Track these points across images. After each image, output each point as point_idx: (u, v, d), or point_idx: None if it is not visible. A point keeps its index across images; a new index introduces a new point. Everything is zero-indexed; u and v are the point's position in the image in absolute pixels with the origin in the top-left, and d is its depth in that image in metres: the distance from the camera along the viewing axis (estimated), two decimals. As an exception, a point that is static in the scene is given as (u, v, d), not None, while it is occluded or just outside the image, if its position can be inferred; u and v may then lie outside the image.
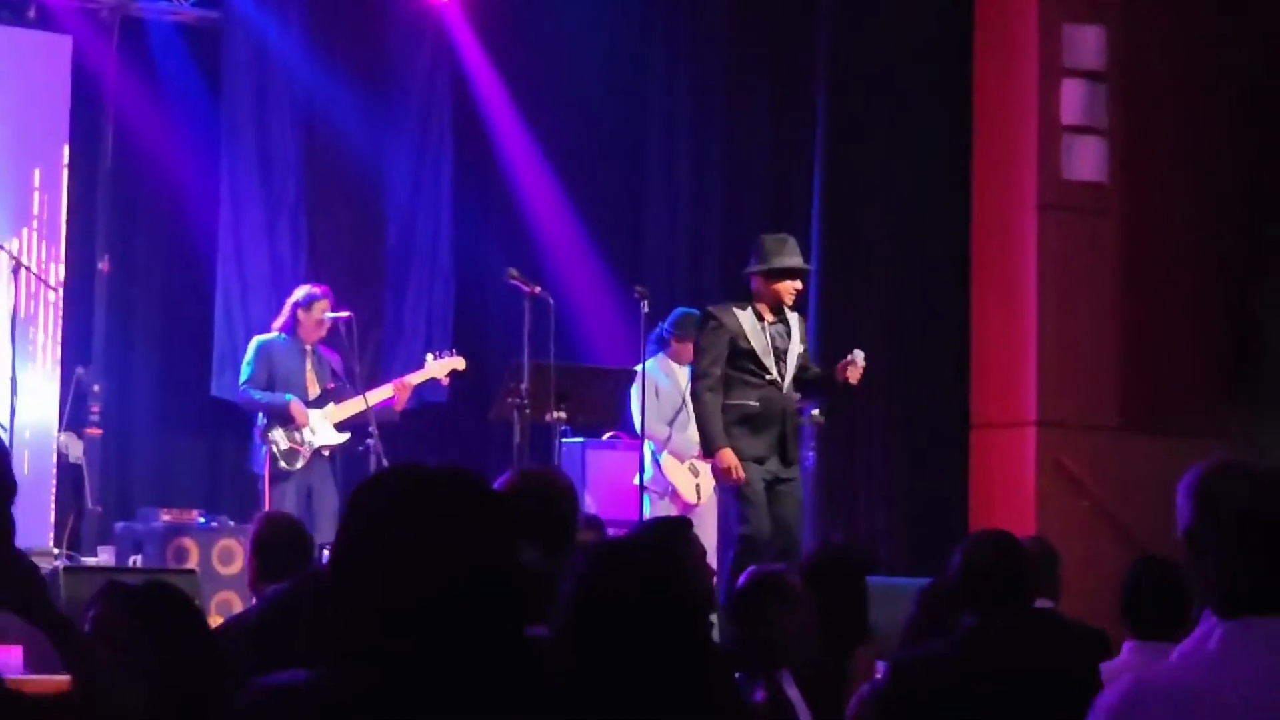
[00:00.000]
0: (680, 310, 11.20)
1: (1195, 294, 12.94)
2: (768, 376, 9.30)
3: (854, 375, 9.36)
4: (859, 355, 9.34)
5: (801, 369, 9.50)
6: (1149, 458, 12.48)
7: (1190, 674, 3.01)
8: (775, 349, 9.36)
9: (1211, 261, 13.01)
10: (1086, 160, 12.58)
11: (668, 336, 11.07)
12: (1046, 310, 12.48)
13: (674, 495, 11.05)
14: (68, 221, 12.03)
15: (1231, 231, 13.11)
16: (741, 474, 9.12)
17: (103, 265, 12.16)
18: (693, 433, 10.08)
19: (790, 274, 9.41)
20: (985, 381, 12.82)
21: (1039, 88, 12.53)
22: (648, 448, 11.00)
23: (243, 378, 10.99)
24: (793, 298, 9.41)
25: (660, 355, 11.17)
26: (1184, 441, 12.48)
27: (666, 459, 11.06)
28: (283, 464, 10.72)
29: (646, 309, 10.49)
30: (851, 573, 6.78)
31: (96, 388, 11.74)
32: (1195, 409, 12.67)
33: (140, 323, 12.55)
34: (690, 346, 9.95)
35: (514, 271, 10.57)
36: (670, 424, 11.01)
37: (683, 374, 10.68)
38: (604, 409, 11.35)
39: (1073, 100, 12.54)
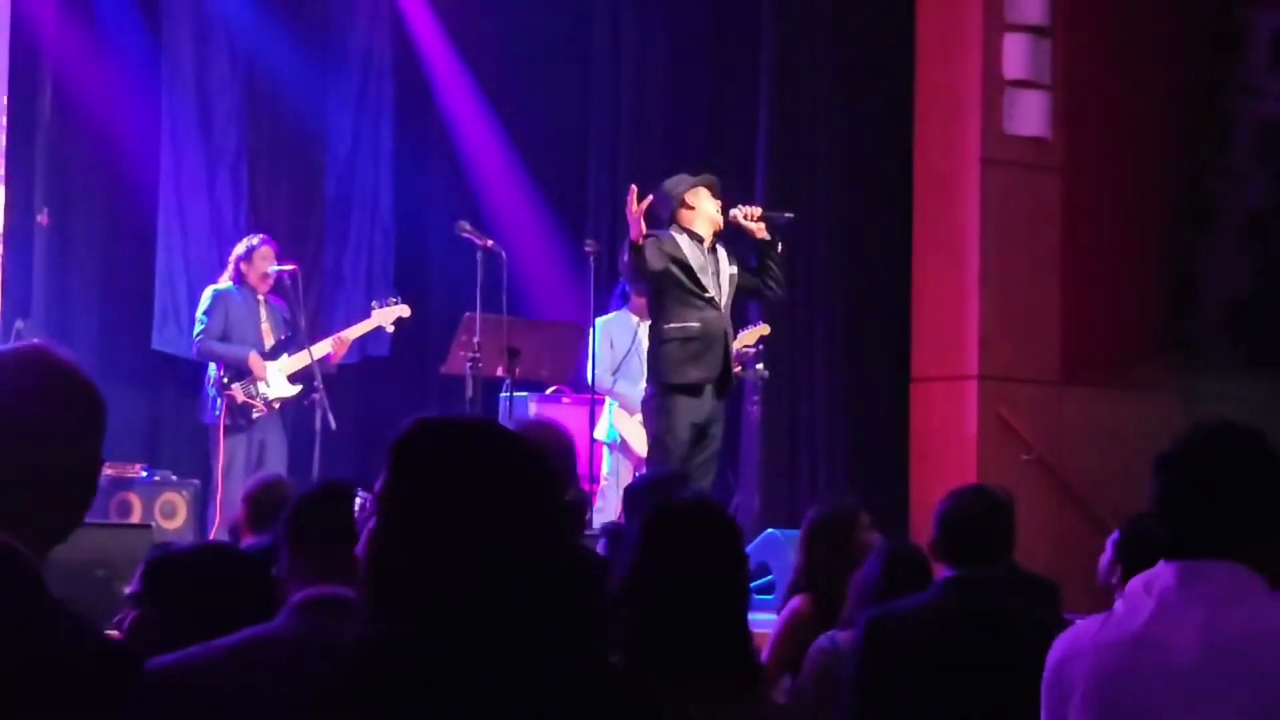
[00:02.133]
0: None
1: (1136, 249, 13.00)
2: (706, 294, 9.23)
3: (749, 216, 9.29)
4: (735, 211, 9.31)
5: (738, 288, 9.48)
6: (1089, 411, 12.58)
7: (1126, 622, 3.14)
8: (711, 270, 9.32)
9: (1152, 217, 13.07)
10: (1029, 115, 12.59)
11: (629, 291, 11.02)
12: (988, 264, 12.50)
13: (625, 448, 11.05)
14: (6, 173, 11.89)
15: (1172, 187, 13.18)
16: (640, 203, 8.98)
17: (42, 217, 12.03)
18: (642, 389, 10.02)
19: (696, 185, 9.38)
20: (926, 335, 12.84)
21: (982, 42, 12.51)
22: (608, 403, 11.01)
23: (198, 329, 10.89)
24: (717, 206, 9.33)
25: (623, 309, 11.15)
26: (1124, 395, 12.60)
27: (617, 412, 11.06)
28: (240, 417, 10.68)
29: (594, 264, 10.43)
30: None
31: (36, 341, 11.59)
32: (1135, 363, 12.75)
33: (80, 275, 12.44)
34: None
35: (465, 224, 10.50)
36: (615, 374, 10.99)
37: (643, 328, 10.57)
38: (554, 364, 11.33)
39: (1015, 54, 12.53)
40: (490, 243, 10.40)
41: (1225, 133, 13.19)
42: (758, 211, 9.33)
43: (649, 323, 9.71)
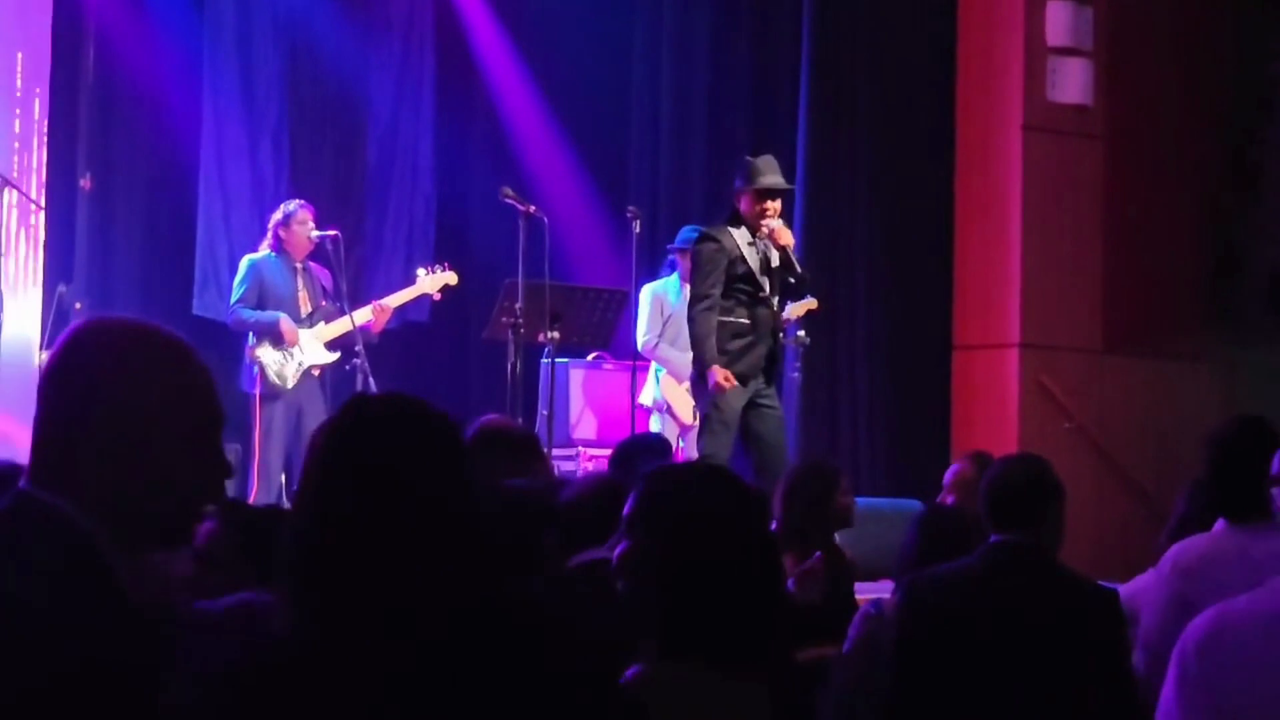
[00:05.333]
0: (687, 229, 11.08)
1: (1178, 217, 12.98)
2: (761, 294, 9.30)
3: (777, 237, 9.29)
4: (769, 223, 9.28)
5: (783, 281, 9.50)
6: (1130, 380, 12.57)
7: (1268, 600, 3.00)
8: (764, 265, 9.35)
9: (1194, 185, 13.05)
10: (1071, 82, 12.57)
11: (676, 259, 11.01)
12: (1030, 232, 12.50)
13: (670, 413, 11.05)
14: (49, 139, 11.91)
15: (1214, 155, 13.15)
16: (733, 382, 9.11)
17: (84, 182, 12.05)
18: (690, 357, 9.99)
19: (772, 194, 9.38)
20: (968, 303, 12.84)
21: (1025, 9, 12.51)
22: (654, 368, 11.01)
23: (233, 297, 10.87)
24: (769, 219, 9.34)
25: (673, 275, 11.14)
26: (1165, 364, 12.59)
27: (665, 379, 11.06)
28: (274, 383, 10.65)
29: (638, 229, 10.41)
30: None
31: (78, 305, 11.62)
32: (1176, 332, 12.73)
33: (122, 241, 12.45)
34: None
35: (508, 190, 10.46)
36: (673, 344, 10.97)
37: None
38: (596, 329, 11.31)
39: (1058, 22, 12.52)
40: (533, 208, 10.37)
41: (1269, 101, 13.14)
42: (789, 243, 9.34)
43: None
